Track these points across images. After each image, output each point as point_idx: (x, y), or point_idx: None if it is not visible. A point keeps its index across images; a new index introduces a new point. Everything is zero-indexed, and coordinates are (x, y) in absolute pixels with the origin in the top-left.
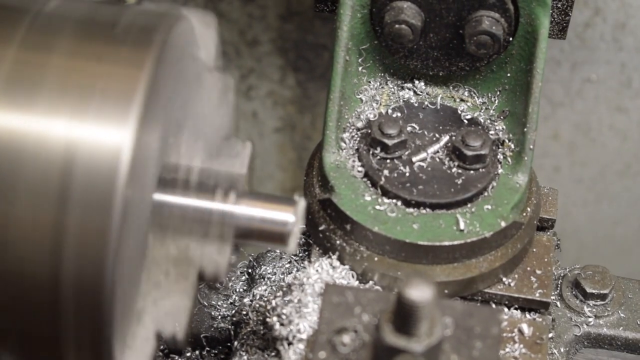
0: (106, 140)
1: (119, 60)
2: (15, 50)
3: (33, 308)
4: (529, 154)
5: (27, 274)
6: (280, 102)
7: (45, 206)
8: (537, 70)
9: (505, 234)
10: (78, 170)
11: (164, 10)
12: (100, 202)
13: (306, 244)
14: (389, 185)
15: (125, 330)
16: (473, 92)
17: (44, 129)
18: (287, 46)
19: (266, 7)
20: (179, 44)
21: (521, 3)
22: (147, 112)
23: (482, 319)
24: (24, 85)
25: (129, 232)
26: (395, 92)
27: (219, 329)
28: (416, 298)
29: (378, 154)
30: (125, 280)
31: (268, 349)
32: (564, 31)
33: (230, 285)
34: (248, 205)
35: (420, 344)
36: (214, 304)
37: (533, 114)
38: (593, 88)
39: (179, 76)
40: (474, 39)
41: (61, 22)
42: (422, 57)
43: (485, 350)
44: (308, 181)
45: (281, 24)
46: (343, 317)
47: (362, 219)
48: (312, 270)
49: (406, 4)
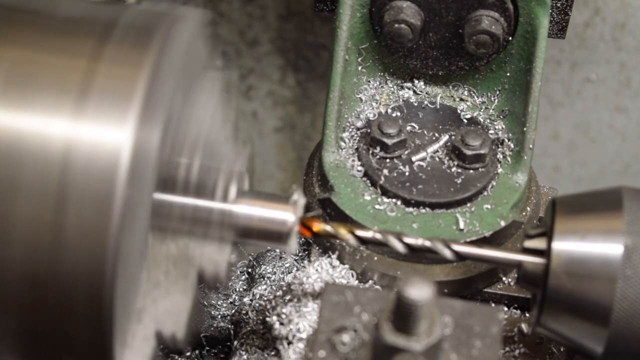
0: (106, 140)
1: (119, 60)
2: (15, 50)
3: (33, 308)
4: (528, 153)
5: (26, 273)
6: (280, 102)
7: (44, 206)
8: (536, 70)
9: (504, 234)
10: (78, 169)
11: (163, 10)
12: (100, 201)
13: (306, 243)
14: (389, 185)
15: (125, 330)
16: (472, 92)
17: (43, 129)
18: (287, 46)
19: (266, 7)
20: (178, 44)
21: (520, 2)
22: (147, 112)
23: (481, 318)
24: (24, 85)
25: (129, 232)
26: (395, 91)
27: (218, 329)
28: (416, 297)
29: (378, 153)
30: (126, 280)
31: (268, 349)
32: (564, 31)
33: (230, 284)
34: (248, 205)
35: (419, 343)
36: (213, 304)
37: (532, 114)
38: (593, 88)
39: (178, 76)
40: (473, 39)
41: (61, 21)
42: (422, 56)
43: (485, 349)
44: (308, 180)
45: (281, 23)
46: (343, 316)
47: (361, 219)
48: (311, 270)
49: (406, 4)
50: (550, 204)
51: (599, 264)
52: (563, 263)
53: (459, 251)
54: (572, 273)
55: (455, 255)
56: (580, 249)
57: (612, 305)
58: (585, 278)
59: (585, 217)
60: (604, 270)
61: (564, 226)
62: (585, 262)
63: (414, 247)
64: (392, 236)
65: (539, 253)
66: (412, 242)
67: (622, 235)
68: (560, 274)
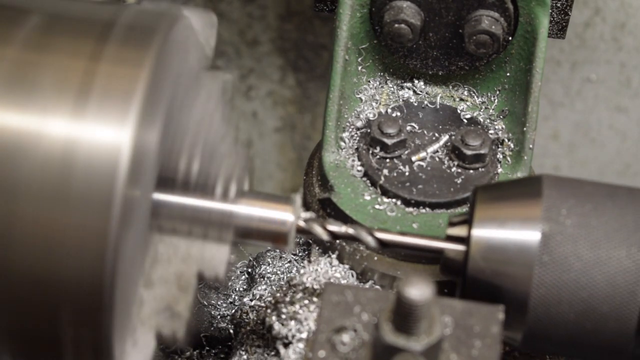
0: (106, 140)
1: (119, 60)
2: (15, 50)
3: (33, 308)
4: (528, 153)
5: (26, 273)
6: (280, 102)
7: (44, 205)
8: (536, 70)
9: None
10: (78, 169)
11: (163, 10)
12: (99, 201)
13: (306, 243)
14: (389, 185)
15: (125, 330)
16: (472, 92)
17: (43, 129)
18: (287, 46)
19: (266, 7)
20: (178, 44)
21: (520, 2)
22: (147, 112)
23: (481, 317)
24: (24, 85)
25: (129, 232)
26: (395, 91)
27: (219, 329)
28: (415, 297)
29: (377, 153)
30: (125, 280)
31: (268, 348)
32: (564, 31)
33: (230, 284)
34: (247, 205)
35: (419, 343)
36: (213, 303)
37: (532, 114)
38: (593, 88)
39: (178, 75)
40: (473, 39)
41: (61, 21)
42: (422, 56)
43: (485, 349)
44: (308, 180)
45: (281, 23)
46: (342, 316)
47: (361, 218)
48: (311, 270)
49: (406, 4)
50: (473, 192)
51: (517, 251)
52: (482, 250)
53: (383, 239)
54: (490, 259)
55: (378, 243)
56: (499, 236)
57: (529, 292)
58: (503, 264)
59: (505, 205)
60: (522, 257)
61: (483, 213)
62: (503, 249)
63: (337, 234)
64: (317, 224)
65: (460, 240)
66: (335, 229)
67: (540, 222)
68: (479, 260)
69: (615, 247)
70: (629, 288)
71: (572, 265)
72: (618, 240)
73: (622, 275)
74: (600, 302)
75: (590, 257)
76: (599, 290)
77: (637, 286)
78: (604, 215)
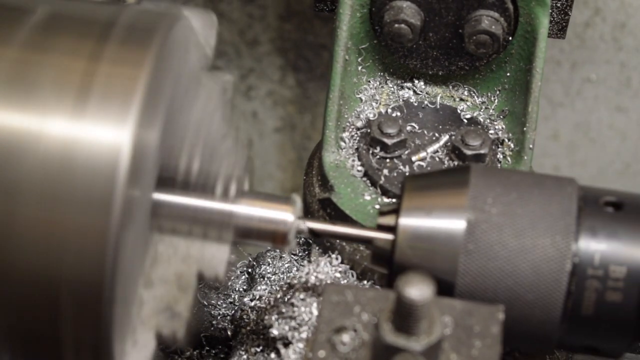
0: (106, 139)
1: (119, 60)
2: (15, 50)
3: (33, 308)
4: (528, 153)
5: (26, 273)
6: (280, 102)
7: (44, 205)
8: (536, 70)
9: None
10: (78, 169)
11: (163, 10)
12: (99, 201)
13: (306, 243)
14: (389, 185)
15: (125, 330)
16: (472, 92)
17: (43, 128)
18: (287, 46)
19: (266, 7)
20: (178, 44)
21: (520, 2)
22: (147, 111)
23: (481, 317)
24: (24, 85)
25: (129, 231)
26: (395, 91)
27: (219, 329)
28: (415, 297)
29: (378, 153)
30: (125, 280)
31: (268, 348)
32: (564, 31)
33: (230, 284)
34: (247, 205)
35: (419, 343)
36: (213, 303)
37: (532, 114)
38: (593, 88)
39: (178, 75)
40: (473, 39)
41: (61, 21)
42: (422, 56)
43: (485, 349)
44: (308, 180)
45: (281, 23)
46: (342, 316)
47: (361, 218)
48: (311, 270)
49: (406, 4)
50: (402, 181)
51: (443, 239)
52: (409, 238)
53: (314, 228)
54: (417, 248)
55: (309, 232)
56: (426, 225)
57: (455, 280)
58: (429, 253)
59: (433, 194)
60: (448, 245)
61: (411, 202)
62: (429, 238)
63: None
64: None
65: (389, 230)
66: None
67: (466, 211)
68: (405, 249)
69: (540, 236)
70: (554, 276)
71: (497, 254)
72: (543, 229)
73: (547, 263)
74: (526, 290)
75: (515, 245)
76: (524, 278)
77: (562, 274)
78: (530, 204)
